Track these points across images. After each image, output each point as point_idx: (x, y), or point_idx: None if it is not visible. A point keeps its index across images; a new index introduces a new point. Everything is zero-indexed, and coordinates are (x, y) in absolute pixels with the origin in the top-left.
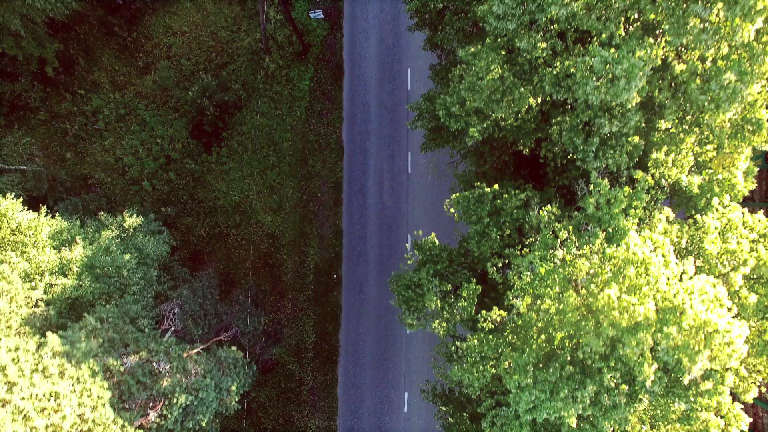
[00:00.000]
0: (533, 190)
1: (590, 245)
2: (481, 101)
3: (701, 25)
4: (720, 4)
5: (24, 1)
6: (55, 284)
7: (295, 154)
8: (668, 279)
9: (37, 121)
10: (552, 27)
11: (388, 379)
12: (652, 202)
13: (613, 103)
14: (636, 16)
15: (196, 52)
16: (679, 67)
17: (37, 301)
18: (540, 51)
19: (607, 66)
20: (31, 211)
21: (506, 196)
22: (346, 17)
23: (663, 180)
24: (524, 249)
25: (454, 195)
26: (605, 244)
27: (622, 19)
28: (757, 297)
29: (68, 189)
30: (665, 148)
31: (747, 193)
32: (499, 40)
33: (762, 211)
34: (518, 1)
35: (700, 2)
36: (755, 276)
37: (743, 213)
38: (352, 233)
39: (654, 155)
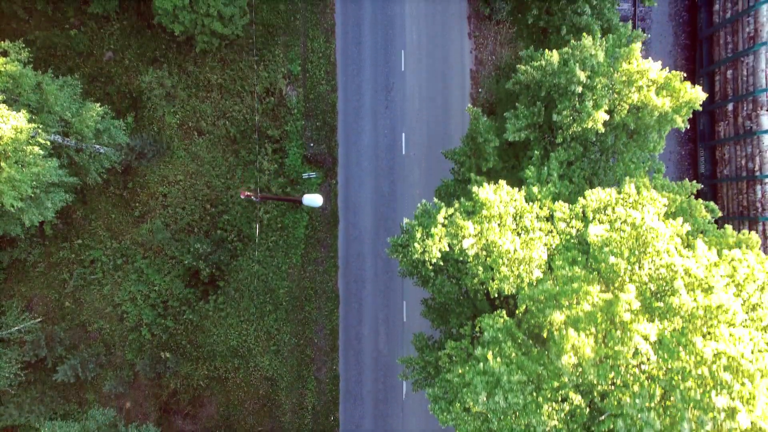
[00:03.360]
0: None
1: None
2: None
3: None
4: None
5: (20, 220)
6: None
7: (291, 300)
8: None
9: (36, 273)
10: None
11: None
12: None
13: None
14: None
15: (191, 201)
16: None
17: None
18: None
19: None
20: None
21: None
22: (340, 164)
23: None
24: None
25: None
26: None
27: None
28: None
29: (67, 346)
30: None
31: None
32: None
33: None
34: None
35: None
36: None
37: None
38: (348, 378)
39: None
